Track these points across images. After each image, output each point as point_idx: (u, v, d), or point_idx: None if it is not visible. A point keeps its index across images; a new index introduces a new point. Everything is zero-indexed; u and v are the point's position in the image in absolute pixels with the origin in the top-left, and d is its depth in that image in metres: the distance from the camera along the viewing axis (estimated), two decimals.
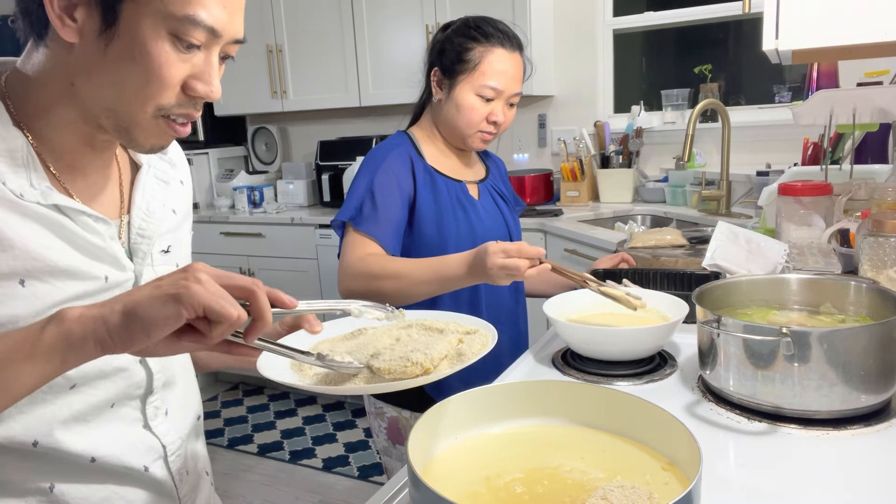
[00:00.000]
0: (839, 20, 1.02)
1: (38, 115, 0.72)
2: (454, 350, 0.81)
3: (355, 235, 1.35)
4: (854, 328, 0.85)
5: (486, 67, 1.38)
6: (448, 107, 1.42)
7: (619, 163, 3.08)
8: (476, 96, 1.39)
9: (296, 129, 4.12)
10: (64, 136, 0.74)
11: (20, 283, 0.68)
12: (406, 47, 3.24)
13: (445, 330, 0.87)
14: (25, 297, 0.69)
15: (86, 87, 0.70)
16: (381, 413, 1.48)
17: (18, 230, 0.68)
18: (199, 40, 0.69)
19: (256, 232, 3.49)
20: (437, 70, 1.43)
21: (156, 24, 0.66)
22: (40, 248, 0.69)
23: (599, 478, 0.69)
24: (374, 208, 1.35)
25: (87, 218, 0.74)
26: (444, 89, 1.43)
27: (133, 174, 0.85)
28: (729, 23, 3.08)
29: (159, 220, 0.85)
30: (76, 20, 0.67)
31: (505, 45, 1.39)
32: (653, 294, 1.23)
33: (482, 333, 0.85)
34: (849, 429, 0.85)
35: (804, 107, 1.57)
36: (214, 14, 0.68)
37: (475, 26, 1.41)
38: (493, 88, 1.39)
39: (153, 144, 0.74)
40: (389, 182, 1.37)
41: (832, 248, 1.43)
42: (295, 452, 3.09)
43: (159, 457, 0.85)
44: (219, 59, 0.73)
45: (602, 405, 0.78)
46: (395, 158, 1.40)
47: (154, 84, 0.68)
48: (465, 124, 1.41)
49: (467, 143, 1.45)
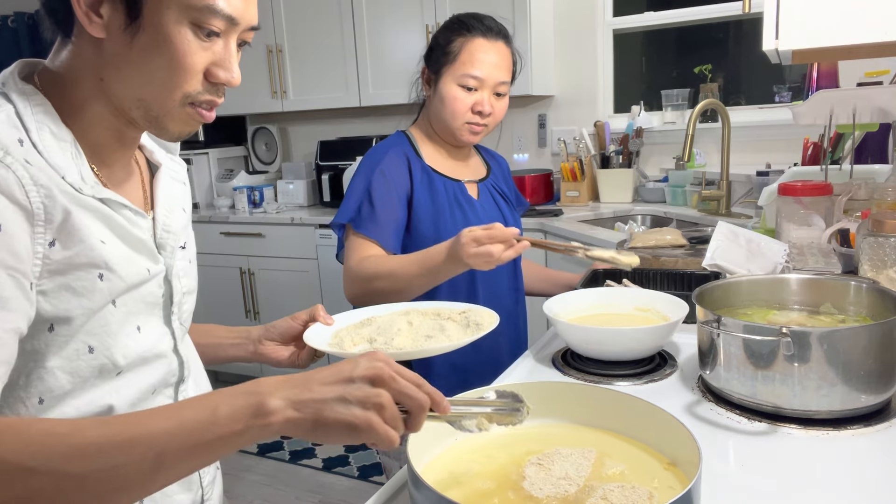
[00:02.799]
0: (839, 20, 1.02)
1: (74, 113, 0.74)
2: (470, 322, 0.97)
3: (355, 238, 1.36)
4: (854, 328, 0.85)
5: (466, 56, 1.38)
6: (435, 101, 1.43)
7: (619, 163, 3.08)
8: (458, 87, 1.39)
9: (296, 129, 4.12)
10: (97, 133, 0.76)
11: (99, 276, 0.71)
12: (406, 47, 3.24)
13: (441, 313, 1.00)
14: (101, 290, 0.72)
15: (115, 81, 0.72)
16: None
17: (86, 222, 0.70)
18: (218, 28, 0.73)
19: (256, 232, 3.48)
20: (425, 68, 1.45)
21: (178, 15, 0.70)
22: (100, 241, 0.72)
23: (599, 477, 0.69)
24: (373, 209, 1.35)
25: (128, 211, 0.77)
26: (432, 85, 1.44)
27: (150, 174, 0.88)
28: (729, 23, 3.08)
29: (177, 217, 0.88)
30: (102, 16, 0.69)
31: (487, 35, 1.39)
32: (653, 294, 1.23)
33: (477, 309, 1.00)
34: (849, 429, 0.85)
35: (804, 107, 1.57)
36: (232, 2, 0.72)
37: (457, 20, 1.43)
38: (475, 77, 1.38)
39: (182, 131, 0.77)
40: (386, 182, 1.37)
41: (832, 248, 1.43)
42: (295, 452, 3.09)
43: None
44: (236, 47, 0.77)
45: (602, 405, 0.78)
46: (391, 158, 1.40)
47: (179, 73, 0.71)
48: (451, 116, 1.41)
49: (457, 137, 1.44)
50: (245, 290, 3.57)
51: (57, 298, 0.69)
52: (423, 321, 1.00)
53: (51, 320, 0.69)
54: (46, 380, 0.71)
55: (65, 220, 0.68)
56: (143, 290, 0.78)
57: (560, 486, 0.67)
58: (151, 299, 0.80)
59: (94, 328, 0.72)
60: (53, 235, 0.68)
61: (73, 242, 0.69)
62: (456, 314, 1.01)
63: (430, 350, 0.89)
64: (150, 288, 0.80)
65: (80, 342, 0.72)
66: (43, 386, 0.71)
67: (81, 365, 0.72)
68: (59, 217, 0.68)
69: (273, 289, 3.51)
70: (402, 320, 1.00)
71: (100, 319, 0.73)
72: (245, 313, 3.59)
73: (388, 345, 0.92)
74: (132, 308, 0.77)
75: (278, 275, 3.47)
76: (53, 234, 0.68)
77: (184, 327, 0.88)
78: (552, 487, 0.67)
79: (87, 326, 0.72)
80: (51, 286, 0.68)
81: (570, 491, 0.67)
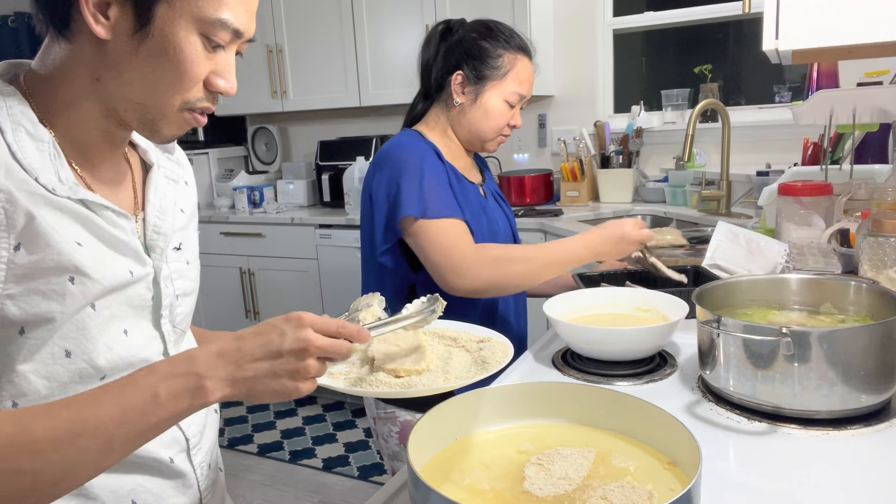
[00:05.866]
0: (839, 20, 1.02)
1: (61, 112, 0.74)
2: (479, 357, 0.84)
3: (441, 223, 1.29)
4: (854, 328, 0.85)
5: (515, 75, 1.41)
6: (473, 111, 1.42)
7: (619, 163, 3.08)
8: (504, 102, 1.42)
9: (296, 129, 4.12)
10: (85, 132, 0.75)
11: (70, 280, 0.70)
12: (406, 47, 3.24)
13: (458, 339, 0.90)
14: (73, 293, 0.71)
15: (113, 82, 0.72)
16: (393, 417, 1.46)
17: (55, 226, 0.70)
18: (224, 41, 0.74)
19: (256, 232, 3.48)
20: (462, 74, 1.41)
21: (189, 26, 0.71)
22: (74, 244, 0.71)
23: (599, 477, 0.69)
24: (440, 196, 1.32)
25: (110, 213, 0.76)
26: (469, 94, 1.42)
27: (144, 173, 0.87)
28: (729, 23, 3.08)
29: (172, 218, 0.86)
30: (109, 18, 0.69)
31: (528, 54, 1.44)
32: (654, 294, 1.23)
33: (495, 341, 0.88)
34: (849, 429, 0.85)
35: (804, 107, 1.57)
36: (240, 17, 0.73)
37: (499, 31, 1.42)
38: (520, 95, 1.43)
39: (173, 134, 0.78)
40: (437, 175, 1.35)
41: (832, 248, 1.43)
42: (295, 452, 3.09)
43: (182, 449, 0.86)
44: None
45: (602, 405, 0.78)
46: (431, 156, 1.38)
47: (184, 80, 0.72)
48: (491, 129, 1.43)
49: (485, 147, 1.48)
50: (245, 290, 3.57)
51: (26, 302, 0.68)
52: (435, 345, 0.89)
53: (20, 324, 0.69)
54: (18, 384, 0.70)
55: (28, 224, 0.67)
56: (128, 293, 0.77)
57: (560, 485, 0.67)
58: (139, 302, 0.79)
59: (71, 332, 0.72)
60: (17, 240, 0.67)
61: (39, 247, 0.68)
62: (473, 343, 0.89)
63: (411, 393, 0.77)
64: (137, 290, 0.79)
65: (56, 346, 0.71)
66: (15, 390, 0.70)
67: (58, 369, 0.72)
68: (21, 221, 0.67)
69: (273, 289, 3.51)
70: (413, 335, 0.88)
71: (77, 323, 0.72)
72: (245, 313, 3.59)
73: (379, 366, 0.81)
74: (116, 311, 0.76)
75: (278, 275, 3.47)
76: (17, 238, 0.67)
77: (178, 330, 0.87)
78: (552, 487, 0.67)
79: (62, 330, 0.71)
80: (18, 290, 0.68)
81: (569, 491, 0.67)
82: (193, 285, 0.91)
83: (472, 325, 0.94)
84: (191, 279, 0.90)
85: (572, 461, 0.71)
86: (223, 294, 3.61)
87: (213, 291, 3.58)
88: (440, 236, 1.29)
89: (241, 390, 0.66)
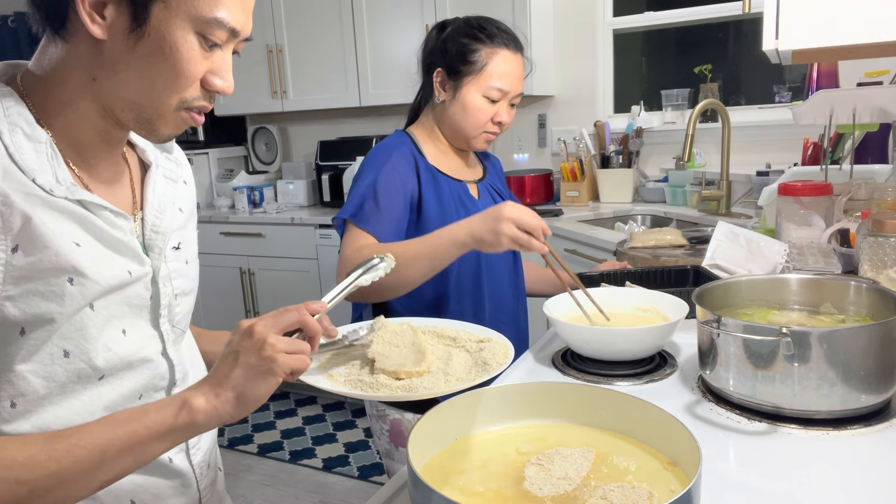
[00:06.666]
0: (839, 20, 1.02)
1: (58, 112, 0.74)
2: (479, 358, 0.83)
3: (354, 231, 1.34)
4: (854, 328, 0.85)
5: (493, 69, 1.39)
6: (453, 108, 1.42)
7: (619, 163, 3.08)
8: (483, 98, 1.40)
9: (296, 129, 4.12)
10: (82, 132, 0.75)
11: (68, 280, 0.70)
12: (406, 47, 3.24)
13: (458, 338, 0.89)
14: (73, 294, 0.71)
15: (110, 82, 0.72)
16: (384, 415, 1.47)
17: (53, 227, 0.70)
18: (220, 40, 0.73)
19: (256, 232, 3.49)
20: (441, 71, 1.42)
21: (185, 25, 0.70)
22: (72, 244, 0.71)
23: (600, 477, 0.69)
24: (377, 206, 1.34)
25: (108, 213, 0.76)
26: (449, 90, 1.42)
27: (142, 173, 0.87)
28: (729, 23, 3.08)
29: (170, 217, 0.86)
30: (105, 18, 0.69)
31: (509, 46, 1.40)
32: (654, 294, 1.23)
33: (496, 342, 0.87)
34: (849, 429, 0.85)
35: (804, 107, 1.57)
36: (237, 16, 0.73)
37: (478, 27, 1.40)
38: (500, 90, 1.40)
39: (170, 134, 0.78)
40: (393, 181, 1.36)
41: (832, 248, 1.43)
42: (295, 452, 3.09)
43: (181, 449, 0.86)
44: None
45: (602, 405, 0.78)
46: (398, 158, 1.39)
47: (181, 80, 0.72)
48: (472, 125, 1.42)
49: (471, 144, 1.46)
50: (245, 290, 3.58)
51: (26, 304, 0.68)
52: (434, 345, 0.87)
53: (21, 324, 0.69)
54: (16, 384, 0.70)
55: (25, 226, 0.67)
56: (126, 293, 0.77)
57: (560, 485, 0.67)
58: (137, 302, 0.79)
59: (69, 332, 0.72)
60: (14, 242, 0.67)
61: (37, 248, 0.68)
62: (473, 343, 0.88)
63: (412, 396, 0.76)
64: (136, 290, 0.79)
65: (55, 346, 0.71)
66: (13, 390, 0.71)
67: (57, 369, 0.72)
68: (17, 223, 0.67)
69: (273, 289, 3.51)
70: (413, 336, 0.87)
71: (76, 323, 0.72)
72: (245, 313, 3.59)
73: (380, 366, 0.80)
74: (115, 311, 0.76)
75: (278, 275, 3.47)
76: (14, 240, 0.67)
77: (177, 329, 0.87)
78: (552, 487, 0.67)
79: (61, 331, 0.71)
80: (17, 292, 0.68)
81: (569, 491, 0.67)
82: (192, 285, 0.91)
83: (472, 324, 0.94)
84: (190, 278, 0.89)
85: (572, 461, 0.71)
86: (223, 294, 3.61)
87: (212, 291, 3.58)
88: (351, 241, 1.32)
89: (227, 394, 0.68)
